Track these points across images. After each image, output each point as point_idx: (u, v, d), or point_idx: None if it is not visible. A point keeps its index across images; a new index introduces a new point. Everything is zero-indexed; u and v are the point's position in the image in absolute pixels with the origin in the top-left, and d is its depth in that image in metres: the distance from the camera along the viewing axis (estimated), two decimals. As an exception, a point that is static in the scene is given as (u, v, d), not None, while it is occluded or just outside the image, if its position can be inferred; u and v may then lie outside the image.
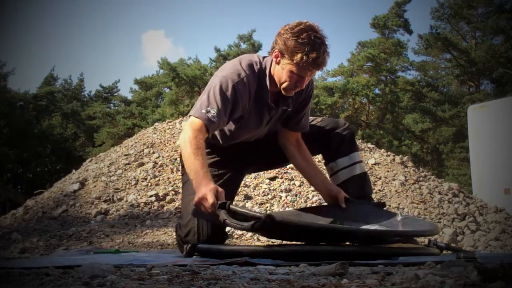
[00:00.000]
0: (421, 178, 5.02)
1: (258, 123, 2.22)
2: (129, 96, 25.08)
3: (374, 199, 2.69)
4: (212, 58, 23.41)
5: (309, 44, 1.98)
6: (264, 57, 2.21)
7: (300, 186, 4.65)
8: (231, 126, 2.20)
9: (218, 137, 2.26)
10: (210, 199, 1.84)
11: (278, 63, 2.09)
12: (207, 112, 1.99)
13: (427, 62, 23.43)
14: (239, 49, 23.24)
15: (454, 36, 21.70)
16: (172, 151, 5.41)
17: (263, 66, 2.15)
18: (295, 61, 2.00)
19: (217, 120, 2.00)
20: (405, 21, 21.36)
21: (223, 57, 23.09)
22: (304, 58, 1.98)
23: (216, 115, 1.99)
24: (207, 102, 2.02)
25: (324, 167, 2.54)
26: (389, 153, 5.72)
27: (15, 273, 1.19)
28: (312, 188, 4.60)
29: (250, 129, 2.23)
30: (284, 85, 2.10)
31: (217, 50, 23.17)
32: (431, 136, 21.20)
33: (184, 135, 2.02)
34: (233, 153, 2.30)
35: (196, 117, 2.01)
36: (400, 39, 21.23)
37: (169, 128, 6.14)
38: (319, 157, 2.95)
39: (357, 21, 48.75)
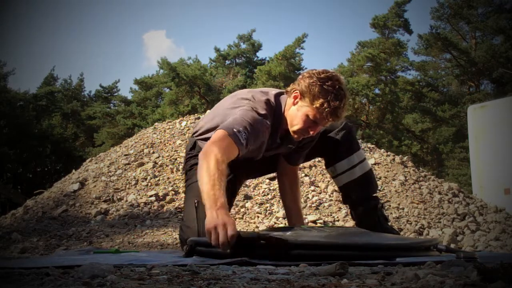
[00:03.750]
0: (421, 178, 5.02)
1: (258, 152, 2.17)
2: (129, 96, 25.11)
3: (379, 197, 2.65)
4: (212, 58, 23.51)
5: (333, 92, 1.96)
6: (279, 94, 2.15)
7: (300, 186, 4.65)
8: None
9: None
10: (232, 231, 1.58)
11: (295, 104, 2.04)
12: (238, 132, 1.88)
13: (427, 62, 23.40)
14: (239, 49, 23.28)
15: (454, 36, 21.68)
16: (172, 151, 5.41)
17: (277, 104, 2.10)
18: (314, 106, 1.97)
19: (245, 143, 1.91)
20: (405, 21, 21.35)
21: (223, 57, 23.12)
22: (325, 105, 1.95)
23: (245, 137, 1.90)
24: (239, 122, 1.91)
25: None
26: (389, 153, 5.72)
27: (15, 273, 1.19)
28: (312, 188, 4.60)
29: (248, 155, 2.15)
30: (294, 128, 2.05)
31: (217, 50, 23.23)
32: (431, 136, 21.19)
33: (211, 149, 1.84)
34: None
35: (227, 133, 1.87)
36: (400, 39, 21.20)
37: (169, 128, 6.13)
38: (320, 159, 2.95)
39: (357, 21, 48.79)
